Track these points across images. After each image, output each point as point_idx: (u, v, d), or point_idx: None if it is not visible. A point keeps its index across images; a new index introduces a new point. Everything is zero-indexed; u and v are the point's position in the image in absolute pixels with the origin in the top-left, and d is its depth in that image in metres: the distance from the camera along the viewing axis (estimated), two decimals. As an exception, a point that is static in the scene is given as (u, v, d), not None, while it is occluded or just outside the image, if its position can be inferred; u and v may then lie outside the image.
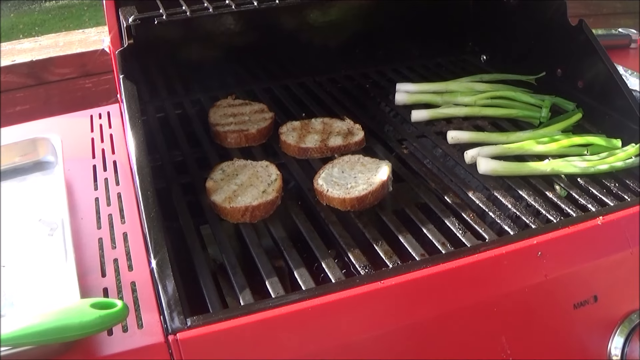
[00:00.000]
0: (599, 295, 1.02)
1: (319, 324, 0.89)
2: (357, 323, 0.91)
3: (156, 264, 0.94)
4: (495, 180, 1.23)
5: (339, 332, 0.90)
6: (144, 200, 1.02)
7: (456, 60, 1.80)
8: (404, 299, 0.94)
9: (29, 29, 7.00)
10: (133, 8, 1.31)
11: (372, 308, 0.92)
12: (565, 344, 1.02)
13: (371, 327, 0.92)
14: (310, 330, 0.89)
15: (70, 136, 1.36)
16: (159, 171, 1.25)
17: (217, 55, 1.63)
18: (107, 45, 1.45)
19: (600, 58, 1.36)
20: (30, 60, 1.98)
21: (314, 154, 1.33)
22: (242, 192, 1.16)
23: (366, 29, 1.74)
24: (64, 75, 2.02)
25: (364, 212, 1.15)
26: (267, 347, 0.87)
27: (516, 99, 1.48)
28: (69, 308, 0.81)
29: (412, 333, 0.93)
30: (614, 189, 1.19)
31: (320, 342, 0.89)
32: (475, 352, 0.97)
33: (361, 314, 0.91)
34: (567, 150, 1.29)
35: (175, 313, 0.87)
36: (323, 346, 0.89)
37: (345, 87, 1.66)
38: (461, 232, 1.08)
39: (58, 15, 7.71)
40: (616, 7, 2.64)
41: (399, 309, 0.93)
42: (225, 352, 0.85)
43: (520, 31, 1.61)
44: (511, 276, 0.99)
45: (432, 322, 0.94)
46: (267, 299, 0.93)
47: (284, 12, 1.62)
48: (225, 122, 1.41)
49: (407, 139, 1.41)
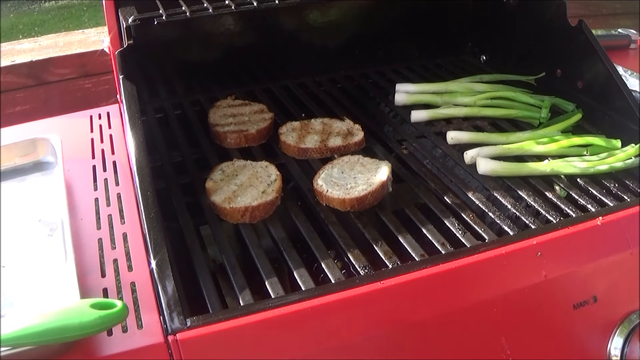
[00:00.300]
0: (599, 295, 1.02)
1: (318, 325, 0.89)
2: (356, 323, 0.91)
3: (156, 265, 0.94)
4: (495, 180, 1.23)
5: (339, 333, 0.90)
6: (143, 201, 1.02)
7: (456, 60, 1.80)
8: (403, 300, 0.94)
9: (29, 30, 7.01)
10: (133, 8, 1.31)
11: (372, 308, 0.92)
12: (565, 344, 1.02)
13: (371, 328, 0.91)
14: (310, 331, 0.89)
15: (70, 136, 1.36)
16: (158, 171, 1.25)
17: (216, 55, 1.63)
18: (107, 45, 1.45)
19: (600, 58, 1.36)
20: (30, 61, 1.98)
21: (313, 154, 1.33)
22: (242, 193, 1.16)
23: (366, 30, 1.74)
24: (64, 76, 2.02)
25: (363, 212, 1.15)
26: (266, 347, 0.87)
27: (516, 100, 1.48)
28: (69, 308, 0.81)
29: (412, 333, 0.93)
30: (614, 190, 1.19)
31: (320, 342, 0.89)
32: (475, 352, 0.97)
33: (361, 314, 0.91)
34: (566, 151, 1.29)
35: (175, 313, 0.87)
36: (323, 347, 0.89)
37: (345, 88, 1.66)
38: (461, 232, 1.08)
39: (58, 15, 7.71)
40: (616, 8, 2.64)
41: (398, 310, 0.93)
42: (225, 352, 0.85)
43: (520, 32, 1.61)
44: (511, 276, 0.99)
45: (432, 323, 0.94)
46: (267, 299, 0.93)
47: (284, 12, 1.62)
48: (225, 123, 1.41)
49: (407, 139, 1.41)
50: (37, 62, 1.98)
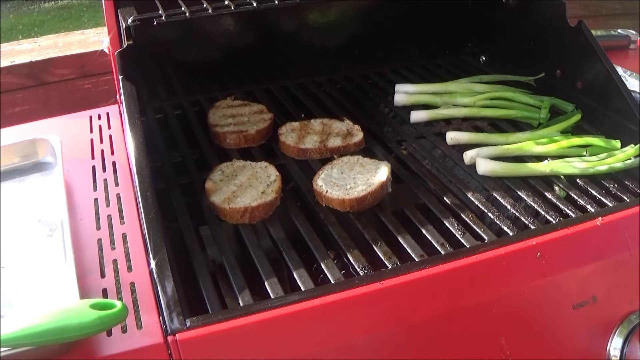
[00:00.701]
0: (598, 296, 1.02)
1: (318, 325, 0.89)
2: (356, 324, 0.91)
3: (155, 265, 0.94)
4: (495, 181, 1.23)
5: (338, 333, 0.90)
6: (143, 201, 1.02)
7: (455, 61, 1.80)
8: (403, 300, 0.94)
9: (28, 30, 7.00)
10: (132, 9, 1.31)
11: (372, 309, 0.92)
12: (565, 344, 1.02)
13: (370, 328, 0.92)
14: (310, 331, 0.89)
15: (69, 137, 1.36)
16: (158, 172, 1.25)
17: (216, 55, 1.63)
18: (107, 46, 1.46)
19: (600, 59, 1.36)
20: (30, 61, 1.98)
21: (313, 154, 1.33)
22: (242, 193, 1.16)
23: (365, 30, 1.74)
24: (63, 76, 2.02)
25: (363, 213, 1.15)
26: (266, 347, 0.87)
27: (515, 100, 1.48)
28: (69, 309, 0.81)
29: (412, 334, 0.93)
30: (613, 190, 1.19)
31: (320, 343, 0.89)
32: (474, 352, 0.97)
33: (360, 314, 0.91)
34: (566, 151, 1.29)
35: (174, 314, 0.87)
36: (322, 347, 0.89)
37: (345, 88, 1.66)
38: (460, 232, 1.08)
39: (57, 16, 7.70)
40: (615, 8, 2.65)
41: (398, 310, 0.93)
42: (225, 352, 0.85)
43: (520, 32, 1.62)
44: (510, 277, 0.99)
45: (431, 323, 0.94)
46: (267, 299, 0.93)
47: (283, 12, 1.62)
48: (224, 123, 1.41)
49: (407, 139, 1.41)
50: (36, 63, 1.98)
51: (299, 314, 0.88)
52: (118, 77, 1.23)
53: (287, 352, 0.87)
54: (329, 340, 0.89)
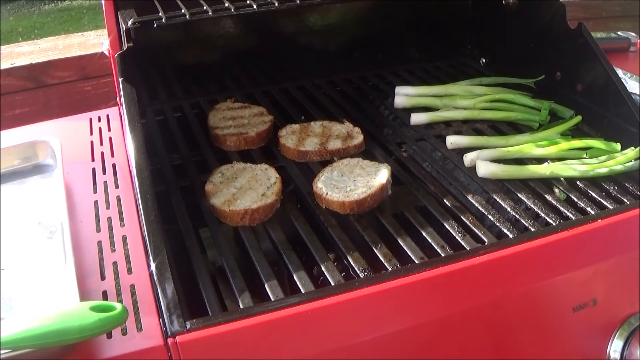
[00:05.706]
0: (598, 298, 1.02)
1: (318, 327, 0.89)
2: (356, 326, 0.91)
3: (155, 267, 0.94)
4: (495, 183, 1.23)
5: (338, 335, 0.90)
6: (143, 204, 1.02)
7: (455, 63, 1.80)
8: (403, 302, 0.94)
9: (28, 32, 7.00)
10: (132, 11, 1.31)
11: (372, 311, 0.92)
12: (565, 347, 1.02)
13: (370, 330, 0.91)
14: (310, 334, 0.89)
15: (69, 139, 1.36)
16: (158, 174, 1.25)
17: (216, 58, 1.64)
18: (107, 48, 1.46)
19: (600, 61, 1.36)
20: (30, 63, 1.99)
21: (313, 157, 1.33)
22: (242, 195, 1.16)
23: (365, 32, 1.74)
24: (64, 78, 2.02)
25: (363, 215, 1.15)
26: (266, 350, 0.87)
27: (515, 102, 1.48)
28: (69, 311, 0.81)
29: (412, 336, 0.93)
30: (614, 192, 1.19)
31: (320, 345, 0.89)
32: (475, 355, 0.97)
33: (360, 317, 0.91)
34: (566, 154, 1.29)
35: (174, 316, 0.87)
36: (322, 349, 0.89)
37: (345, 90, 1.66)
38: (460, 235, 1.08)
39: (57, 18, 7.71)
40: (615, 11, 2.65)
41: (398, 312, 0.93)
42: (225, 355, 0.85)
43: (520, 34, 1.62)
44: (510, 279, 0.99)
45: (431, 325, 0.94)
46: (266, 302, 0.92)
47: (283, 15, 1.63)
48: (224, 125, 1.41)
49: (407, 142, 1.41)
50: (36, 65, 1.99)
51: (299, 316, 0.88)
52: (118, 80, 1.23)
53: (288, 354, 0.87)
54: (329, 343, 0.89)
